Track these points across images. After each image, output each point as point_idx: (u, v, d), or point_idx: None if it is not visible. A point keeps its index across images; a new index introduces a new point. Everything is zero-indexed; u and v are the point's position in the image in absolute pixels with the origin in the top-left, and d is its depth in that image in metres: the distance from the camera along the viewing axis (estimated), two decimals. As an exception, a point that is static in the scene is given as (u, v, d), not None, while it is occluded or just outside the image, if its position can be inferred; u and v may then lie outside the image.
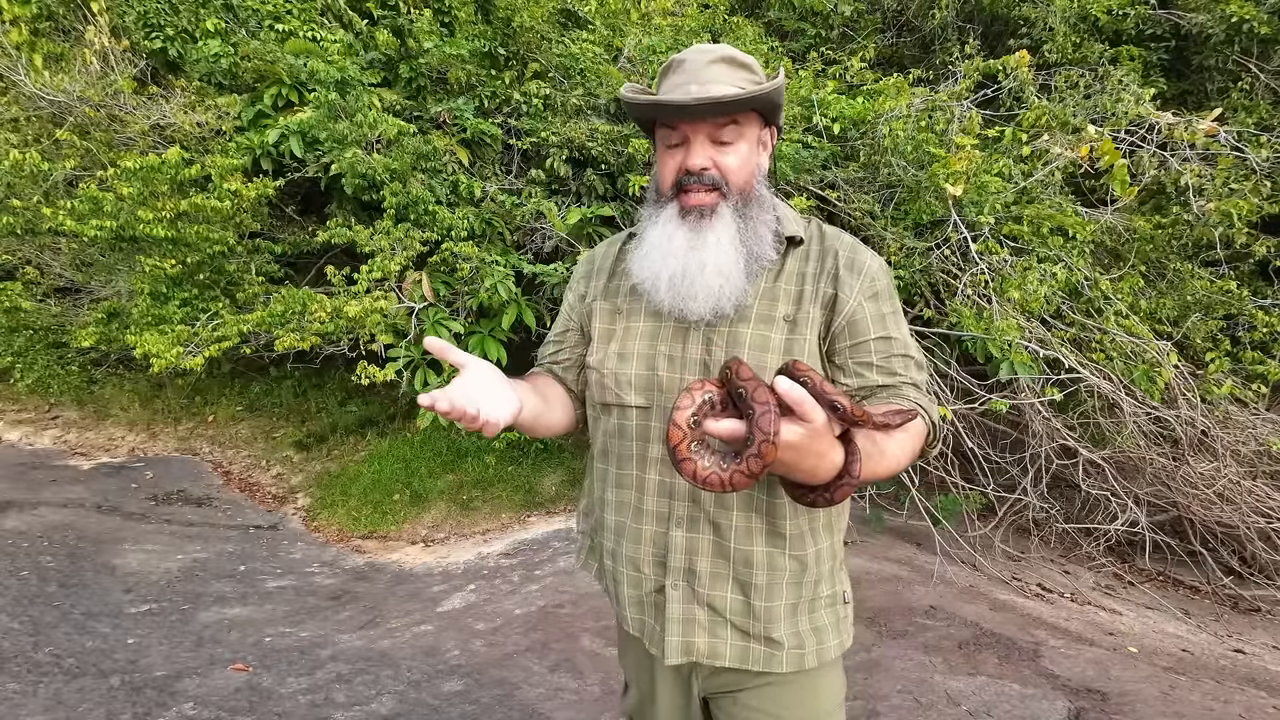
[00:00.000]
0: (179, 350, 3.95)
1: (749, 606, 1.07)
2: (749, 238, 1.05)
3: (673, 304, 1.06)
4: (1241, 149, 3.76)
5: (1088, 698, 2.51)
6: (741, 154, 1.05)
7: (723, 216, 1.04)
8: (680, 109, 1.01)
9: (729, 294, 1.04)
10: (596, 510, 1.20)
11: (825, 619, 1.11)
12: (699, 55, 1.06)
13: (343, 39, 4.55)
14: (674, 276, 1.05)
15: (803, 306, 1.07)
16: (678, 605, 1.08)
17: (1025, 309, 3.48)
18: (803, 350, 1.05)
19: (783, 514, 1.06)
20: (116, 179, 3.99)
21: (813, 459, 0.82)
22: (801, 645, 1.08)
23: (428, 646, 2.97)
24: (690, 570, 1.08)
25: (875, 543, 3.95)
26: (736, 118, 1.04)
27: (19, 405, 6.16)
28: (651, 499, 1.10)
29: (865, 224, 3.79)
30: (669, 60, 1.09)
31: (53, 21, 4.99)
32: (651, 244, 1.08)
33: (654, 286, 1.07)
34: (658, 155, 1.11)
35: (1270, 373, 3.85)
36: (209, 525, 4.47)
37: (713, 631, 1.08)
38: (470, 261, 3.91)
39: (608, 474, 1.16)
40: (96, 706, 2.46)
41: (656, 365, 1.09)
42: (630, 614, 1.14)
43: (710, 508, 1.06)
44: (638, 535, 1.11)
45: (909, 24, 5.52)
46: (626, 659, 1.29)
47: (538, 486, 4.81)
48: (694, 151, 1.04)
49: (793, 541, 1.07)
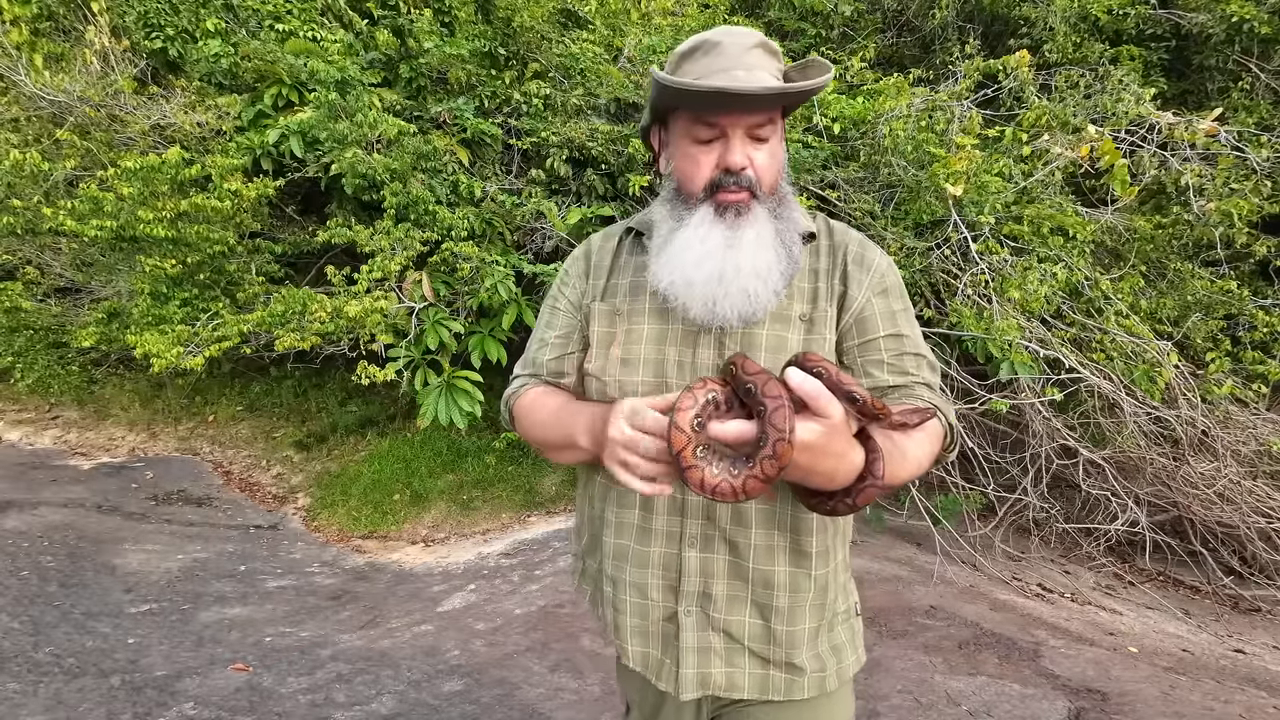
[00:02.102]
0: (179, 350, 3.95)
1: (769, 631, 0.99)
2: (787, 237, 0.98)
3: (704, 310, 0.96)
4: (1242, 149, 3.76)
5: (1088, 698, 2.51)
6: (773, 150, 0.98)
7: (759, 216, 0.96)
8: (741, 98, 0.90)
9: (764, 299, 0.95)
10: (591, 529, 1.11)
11: (842, 636, 1.06)
12: (734, 39, 0.95)
13: (343, 39, 4.56)
14: (709, 280, 0.94)
15: (819, 305, 1.01)
16: (692, 634, 1.00)
17: (1025, 309, 3.48)
18: (823, 348, 0.99)
19: (808, 529, 0.98)
20: (117, 179, 3.99)
21: (831, 460, 0.74)
22: (823, 668, 1.02)
23: (428, 646, 2.97)
24: (705, 594, 1.00)
25: (875, 543, 3.95)
26: (774, 115, 0.96)
27: (19, 405, 6.16)
28: (661, 518, 1.01)
29: (865, 224, 3.79)
30: (694, 41, 0.97)
31: (53, 21, 5.00)
32: (682, 246, 0.97)
33: (684, 293, 0.97)
34: (679, 149, 0.99)
35: (1270, 373, 3.85)
36: (209, 525, 4.47)
37: (729, 660, 1.00)
38: (470, 261, 3.91)
39: (609, 492, 1.06)
40: (97, 706, 2.46)
41: (666, 372, 1.00)
42: (632, 647, 1.05)
43: (727, 525, 0.98)
44: (644, 558, 1.02)
45: (909, 24, 5.51)
46: (627, 685, 1.20)
47: (538, 486, 4.81)
48: (733, 148, 0.94)
49: (817, 560, 1.00)
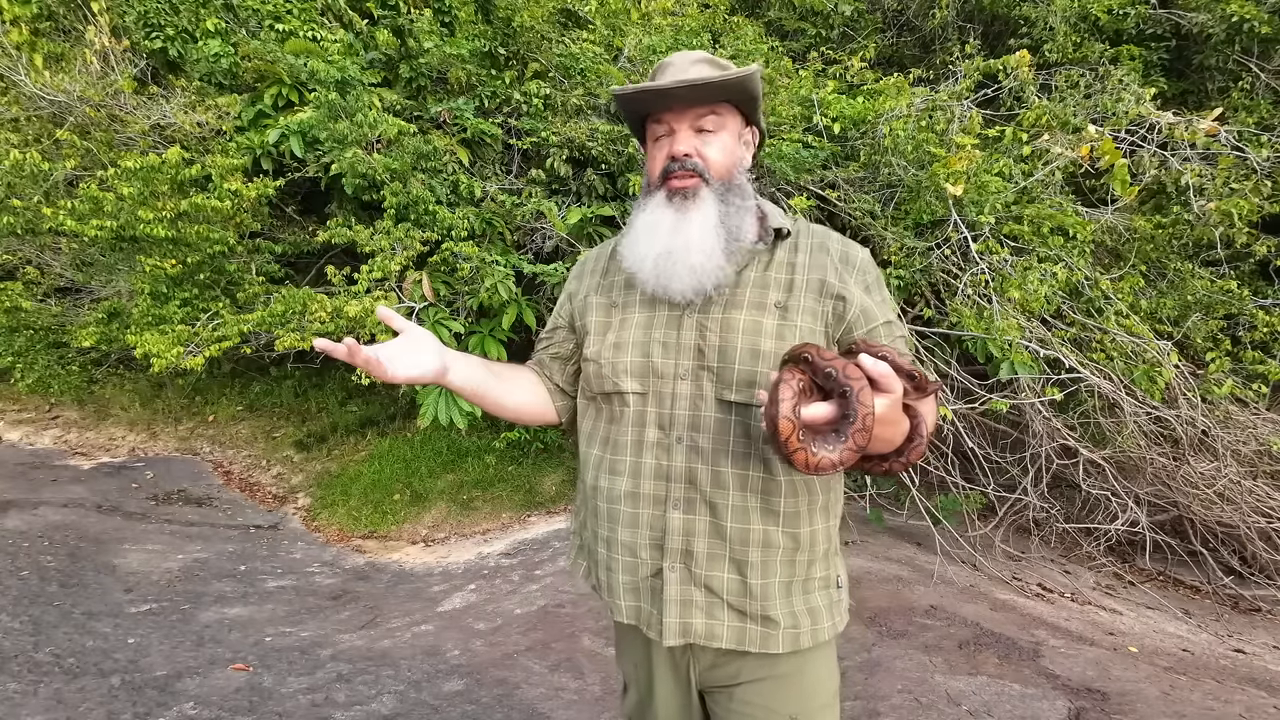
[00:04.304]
0: (179, 350, 3.95)
1: (745, 585, 1.09)
2: (730, 220, 1.11)
3: (657, 283, 1.11)
4: (1242, 148, 3.76)
5: (1088, 697, 2.51)
6: (723, 144, 1.13)
7: (705, 199, 1.11)
8: (664, 94, 1.10)
9: (710, 272, 1.08)
10: (590, 500, 1.22)
11: (819, 600, 1.14)
12: (682, 57, 1.17)
13: (343, 39, 4.55)
14: (659, 256, 1.10)
15: (794, 294, 1.11)
16: (675, 587, 1.10)
17: (1025, 309, 3.48)
18: (795, 334, 1.09)
19: (778, 492, 1.09)
20: (117, 179, 3.99)
21: (892, 428, 0.92)
22: (797, 625, 1.11)
23: (428, 646, 2.97)
24: (687, 551, 1.10)
25: (875, 543, 3.95)
26: (716, 109, 1.12)
27: (19, 405, 6.16)
28: (648, 482, 1.12)
29: (865, 224, 3.79)
30: (657, 65, 1.19)
31: (53, 21, 5.00)
32: (639, 228, 1.14)
33: (640, 267, 1.13)
34: (646, 152, 1.19)
35: (1270, 373, 3.85)
36: (209, 525, 4.47)
37: (710, 613, 1.10)
38: (470, 261, 3.91)
39: (602, 461, 1.18)
40: (97, 706, 2.46)
41: (651, 352, 1.13)
42: (625, 602, 1.16)
43: (707, 488, 1.09)
44: (634, 519, 1.13)
45: (909, 24, 5.52)
46: (623, 657, 1.30)
47: (538, 486, 4.81)
48: (678, 139, 1.11)
49: (787, 519, 1.10)
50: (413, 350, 1.04)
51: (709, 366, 1.09)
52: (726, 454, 1.08)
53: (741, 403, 1.07)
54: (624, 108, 1.18)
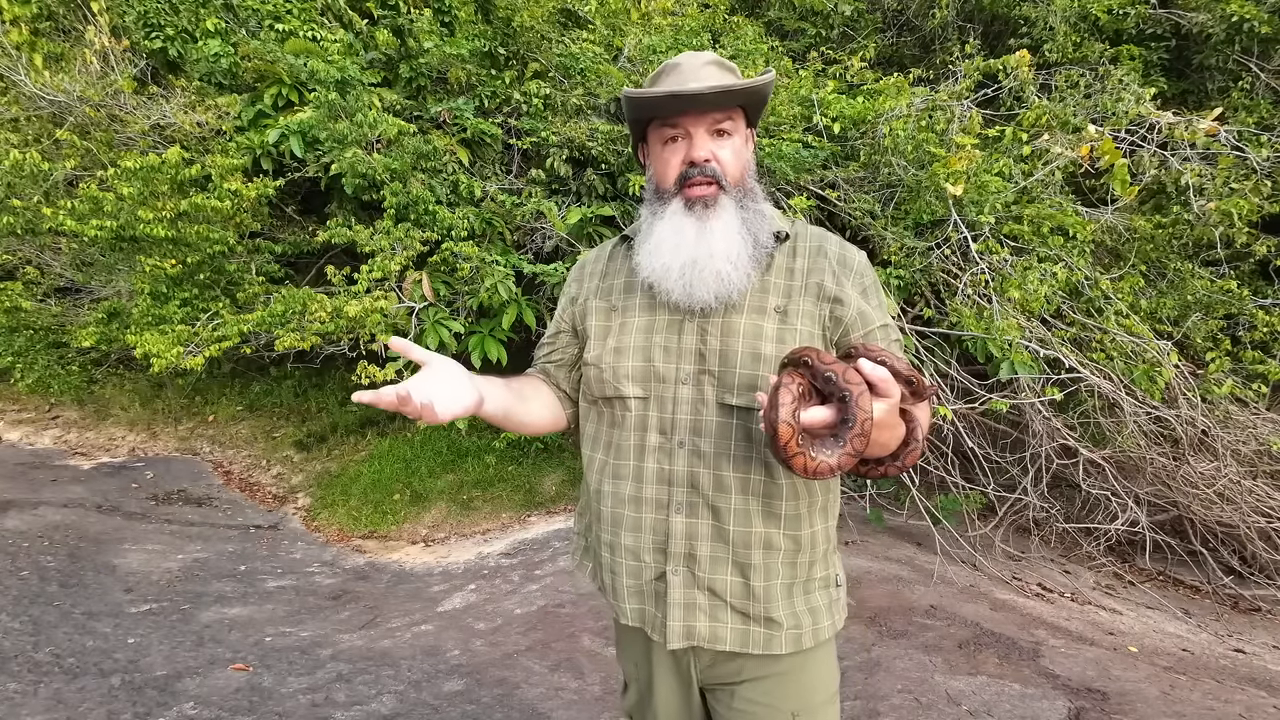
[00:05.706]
0: (179, 350, 3.95)
1: (748, 588, 1.10)
2: (750, 225, 1.11)
3: (683, 293, 1.10)
4: (1242, 148, 3.76)
5: (1088, 697, 2.51)
6: (736, 148, 1.13)
7: (725, 207, 1.10)
8: (691, 99, 1.08)
9: (736, 280, 1.08)
10: (593, 505, 1.22)
11: (820, 600, 1.15)
12: (690, 59, 1.14)
13: (343, 39, 4.55)
14: (685, 266, 1.09)
15: (793, 298, 1.12)
16: (679, 590, 1.11)
17: (1025, 309, 3.48)
18: (795, 338, 1.09)
19: (779, 495, 1.09)
20: (116, 179, 3.99)
21: (889, 431, 0.93)
22: (798, 625, 1.11)
23: (428, 646, 2.97)
24: (690, 555, 1.11)
25: (875, 543, 3.95)
26: (732, 113, 1.11)
27: (19, 405, 6.16)
28: (650, 486, 1.12)
29: (865, 224, 3.79)
30: (661, 66, 1.17)
31: (53, 21, 5.00)
32: (661, 237, 1.12)
33: (664, 278, 1.11)
34: (653, 155, 1.17)
35: (1270, 372, 3.85)
36: (209, 525, 4.47)
37: (713, 615, 1.11)
38: (470, 261, 3.91)
39: (605, 465, 1.18)
40: (97, 706, 2.46)
41: (653, 356, 1.13)
42: (629, 605, 1.16)
43: (709, 492, 1.09)
44: (637, 524, 1.14)
45: (909, 24, 5.52)
46: (625, 656, 1.30)
47: (538, 486, 4.81)
48: (697, 144, 1.10)
49: (788, 521, 1.10)
50: (448, 384, 0.99)
51: (710, 371, 1.09)
52: (728, 458, 1.08)
53: (743, 406, 1.08)
54: (637, 109, 1.14)
